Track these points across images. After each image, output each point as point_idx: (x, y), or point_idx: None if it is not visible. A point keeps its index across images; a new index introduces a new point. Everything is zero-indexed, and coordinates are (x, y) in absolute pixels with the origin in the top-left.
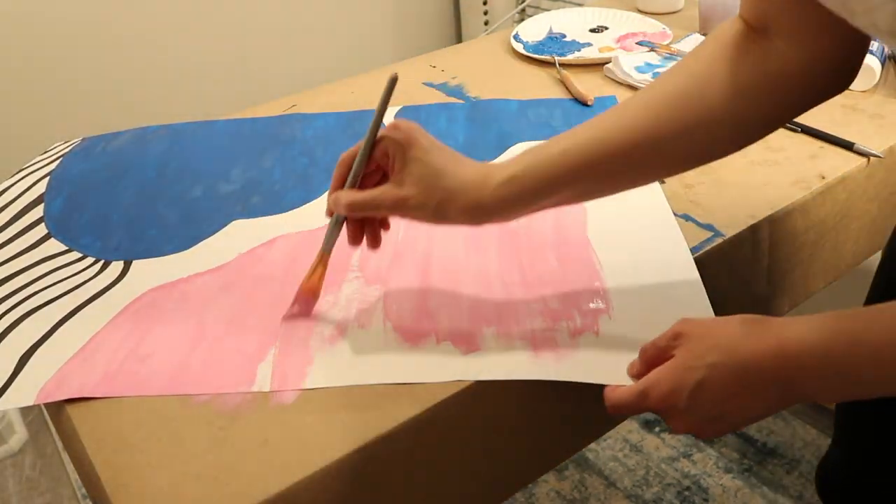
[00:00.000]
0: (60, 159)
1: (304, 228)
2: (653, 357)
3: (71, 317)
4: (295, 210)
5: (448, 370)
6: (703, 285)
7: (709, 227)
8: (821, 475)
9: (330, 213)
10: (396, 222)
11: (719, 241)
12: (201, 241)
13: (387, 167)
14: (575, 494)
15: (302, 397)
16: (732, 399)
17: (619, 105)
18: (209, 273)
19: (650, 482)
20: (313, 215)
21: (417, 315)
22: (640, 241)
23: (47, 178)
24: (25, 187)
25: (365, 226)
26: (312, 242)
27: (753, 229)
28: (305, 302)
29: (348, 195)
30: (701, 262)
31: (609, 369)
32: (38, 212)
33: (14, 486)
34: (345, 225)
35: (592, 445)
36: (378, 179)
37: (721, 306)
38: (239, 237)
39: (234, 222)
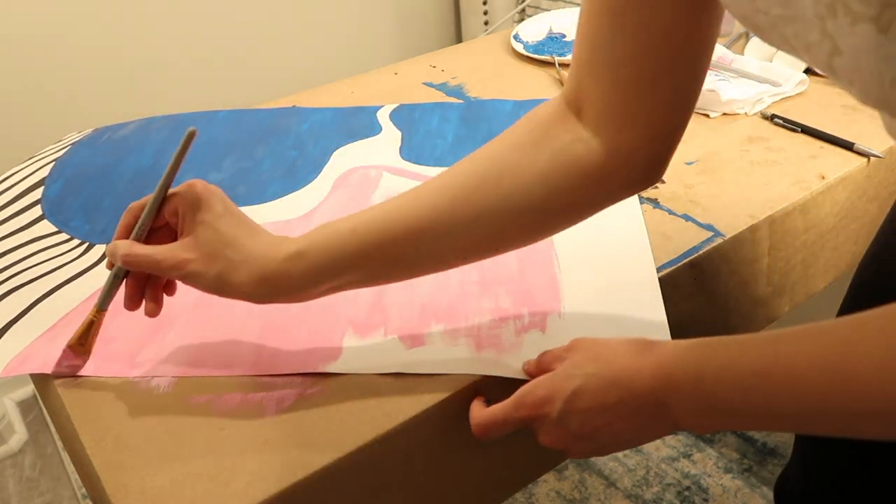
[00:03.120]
0: (69, 147)
1: (279, 219)
2: (546, 361)
3: (48, 296)
4: (274, 201)
5: (389, 363)
6: (660, 292)
7: (709, 227)
8: (777, 490)
9: (110, 264)
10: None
11: (719, 241)
12: None
13: (176, 226)
14: (575, 494)
15: (302, 397)
16: (604, 413)
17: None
18: None
19: (650, 482)
20: (290, 206)
21: (371, 309)
22: (606, 249)
23: (53, 163)
24: (31, 171)
25: (147, 286)
26: (282, 232)
27: (753, 229)
28: (72, 360)
29: (127, 247)
30: (701, 262)
31: None
32: (38, 194)
33: (14, 486)
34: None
35: None
36: (170, 237)
37: (721, 306)
38: None
39: None
